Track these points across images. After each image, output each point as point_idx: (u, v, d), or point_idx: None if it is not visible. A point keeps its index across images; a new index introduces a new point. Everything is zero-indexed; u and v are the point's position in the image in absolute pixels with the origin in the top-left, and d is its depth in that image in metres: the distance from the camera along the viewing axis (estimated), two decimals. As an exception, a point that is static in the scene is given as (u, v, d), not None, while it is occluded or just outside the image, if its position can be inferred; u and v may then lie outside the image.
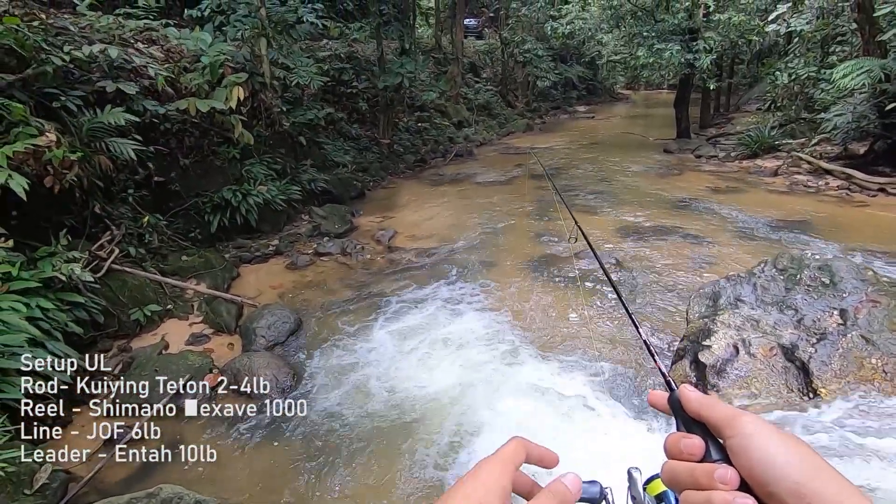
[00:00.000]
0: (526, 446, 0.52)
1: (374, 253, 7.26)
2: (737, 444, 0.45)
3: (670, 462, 0.48)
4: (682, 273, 5.93)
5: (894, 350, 3.35)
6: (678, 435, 0.49)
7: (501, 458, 0.49)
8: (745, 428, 0.45)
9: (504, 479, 0.47)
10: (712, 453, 0.46)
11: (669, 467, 0.48)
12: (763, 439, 0.43)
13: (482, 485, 0.46)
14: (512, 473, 0.49)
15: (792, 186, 9.51)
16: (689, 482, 0.46)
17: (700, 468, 0.45)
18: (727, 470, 0.44)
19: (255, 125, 8.14)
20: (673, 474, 0.48)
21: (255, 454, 3.56)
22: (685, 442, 0.47)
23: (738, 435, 0.45)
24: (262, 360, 4.39)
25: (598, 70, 29.13)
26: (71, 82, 5.67)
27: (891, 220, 7.25)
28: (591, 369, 4.22)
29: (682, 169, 11.79)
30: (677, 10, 13.45)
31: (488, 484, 0.46)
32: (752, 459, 0.43)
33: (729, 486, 0.43)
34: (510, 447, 0.51)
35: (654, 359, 0.66)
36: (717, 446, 0.47)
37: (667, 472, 0.48)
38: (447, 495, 0.46)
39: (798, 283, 3.94)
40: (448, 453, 3.44)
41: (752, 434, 0.44)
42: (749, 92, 20.69)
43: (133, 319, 5.00)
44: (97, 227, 5.56)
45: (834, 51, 12.01)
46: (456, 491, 0.46)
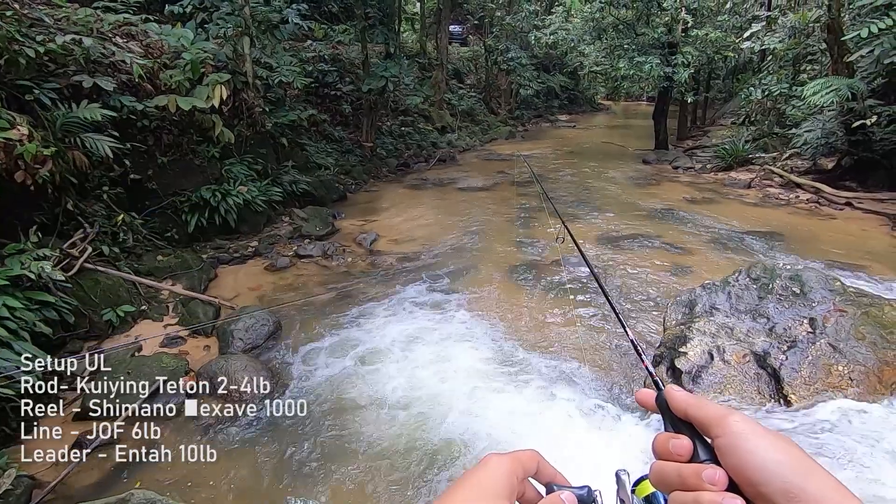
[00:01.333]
0: (539, 461, 0.52)
1: (355, 256, 7.22)
2: (725, 443, 0.44)
3: (658, 462, 0.48)
4: (659, 280, 6.05)
5: (860, 358, 3.48)
6: (666, 435, 0.48)
7: (513, 456, 0.50)
8: (733, 427, 0.44)
9: (512, 477, 0.48)
10: (700, 453, 0.46)
11: (657, 468, 0.48)
12: (752, 439, 0.43)
13: (492, 475, 0.47)
14: (520, 474, 0.49)
15: (764, 198, 9.81)
16: (678, 483, 0.45)
17: (688, 468, 0.45)
18: (715, 470, 0.43)
19: (237, 124, 8.04)
20: (661, 475, 0.47)
21: (230, 459, 3.48)
22: (673, 442, 0.47)
23: (726, 434, 0.44)
24: (240, 363, 4.31)
25: (579, 80, 29.60)
26: (45, 75, 5.52)
27: (856, 233, 7.54)
28: (574, 371, 4.27)
29: (659, 179, 12.05)
30: (657, 25, 13.79)
31: (498, 475, 0.47)
32: (741, 459, 0.42)
33: (717, 487, 0.43)
34: (525, 453, 0.51)
35: (641, 358, 0.66)
36: (705, 446, 0.46)
37: (655, 472, 0.48)
38: (459, 483, 0.47)
39: (770, 292, 4.06)
40: (425, 459, 3.43)
41: (741, 433, 0.43)
42: (724, 106, 21.29)
43: (105, 320, 4.86)
44: (69, 225, 5.40)
45: (805, 69, 12.47)
46: (467, 479, 0.47)
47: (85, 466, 3.36)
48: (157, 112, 6.49)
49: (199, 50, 6.93)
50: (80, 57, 5.70)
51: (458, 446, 3.50)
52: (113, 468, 3.39)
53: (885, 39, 7.25)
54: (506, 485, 0.47)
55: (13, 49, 5.00)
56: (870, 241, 7.11)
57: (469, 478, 0.47)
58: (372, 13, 11.52)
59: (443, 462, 3.39)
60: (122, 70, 6.38)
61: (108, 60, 6.21)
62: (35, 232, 4.81)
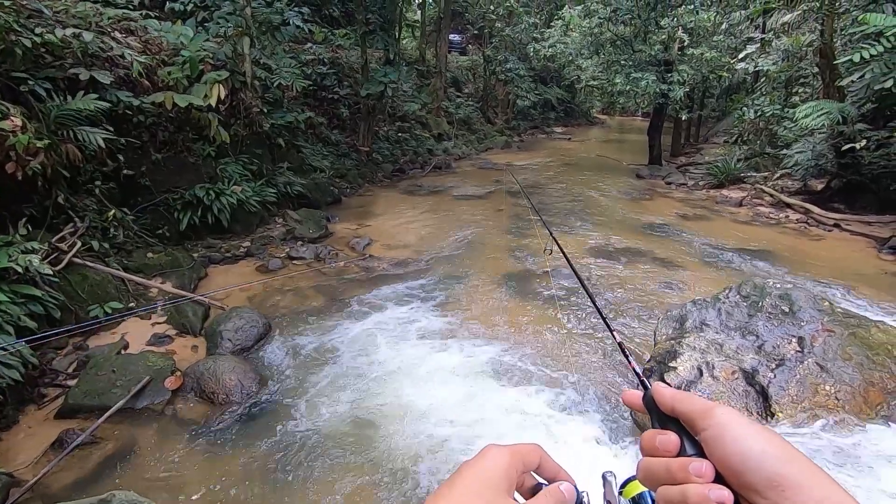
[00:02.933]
0: (542, 456, 0.52)
1: (348, 260, 7.19)
2: (711, 435, 0.45)
3: (646, 459, 0.49)
4: (650, 294, 6.09)
5: (846, 378, 3.51)
6: (653, 432, 0.49)
7: (513, 448, 0.50)
8: (719, 419, 0.45)
9: (511, 469, 0.48)
10: (687, 449, 0.47)
11: (645, 464, 0.48)
12: (737, 430, 0.44)
13: (491, 467, 0.47)
14: (520, 467, 0.49)
15: (755, 217, 9.93)
16: (665, 477, 0.46)
17: (675, 462, 0.46)
18: (702, 463, 0.44)
19: (233, 124, 8.01)
20: (649, 471, 0.48)
21: (216, 460, 3.43)
22: (660, 438, 0.48)
23: (713, 426, 0.45)
24: (228, 365, 4.26)
25: (576, 93, 29.90)
26: (41, 67, 5.47)
27: (844, 254, 7.64)
28: (562, 379, 4.27)
29: (652, 194, 12.17)
30: (654, 43, 13.98)
31: (497, 466, 0.47)
32: (727, 450, 0.43)
33: (704, 479, 0.43)
34: (526, 446, 0.51)
35: (627, 360, 0.66)
36: (692, 442, 0.47)
37: (643, 468, 0.49)
38: (457, 475, 0.47)
39: (760, 309, 4.10)
40: (413, 467, 3.40)
41: (727, 425, 0.44)
42: (718, 125, 21.59)
43: (91, 316, 4.79)
44: (59, 219, 5.33)
45: (797, 91, 12.70)
46: (466, 471, 0.47)
47: (65, 465, 3.29)
48: (153, 108, 6.46)
49: (198, 48, 6.91)
50: (78, 50, 5.66)
51: (444, 452, 3.48)
52: (94, 467, 3.32)
53: (875, 65, 7.40)
54: (504, 476, 0.47)
55: (10, 39, 4.95)
56: (857, 263, 7.22)
57: (467, 469, 0.47)
58: (373, 19, 11.58)
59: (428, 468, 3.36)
60: (120, 65, 6.34)
61: (105, 55, 6.17)
62: (24, 224, 4.75)
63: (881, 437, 3.17)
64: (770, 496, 0.41)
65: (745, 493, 0.42)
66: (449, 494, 0.45)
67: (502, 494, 0.46)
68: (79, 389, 3.90)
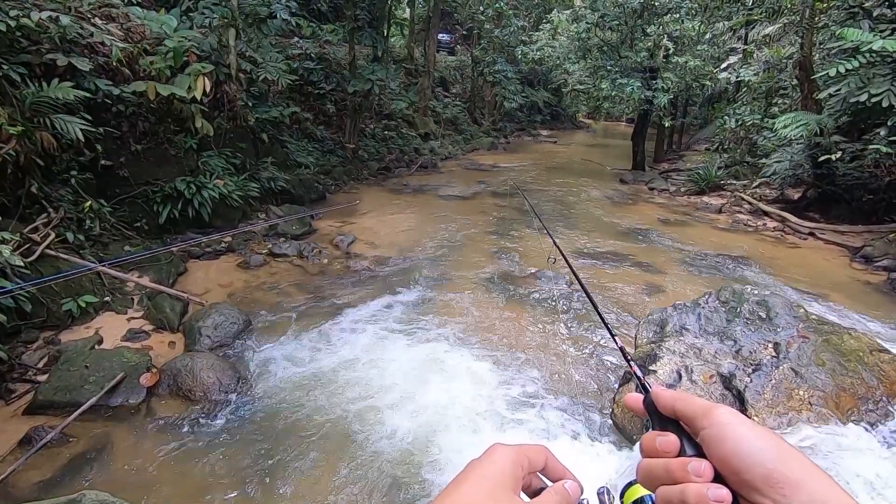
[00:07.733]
0: (548, 457, 0.52)
1: (331, 258, 7.12)
2: (711, 434, 0.45)
3: (646, 460, 0.49)
4: (631, 298, 6.16)
5: (819, 383, 3.60)
6: (653, 433, 0.50)
7: (519, 448, 0.50)
8: (719, 419, 0.45)
9: (517, 468, 0.48)
10: (687, 450, 0.47)
11: (645, 465, 0.49)
12: (737, 429, 0.44)
13: (497, 466, 0.47)
14: (526, 466, 0.49)
15: (734, 224, 10.14)
16: (664, 477, 0.46)
17: (675, 462, 0.46)
18: (701, 462, 0.45)
19: (217, 117, 7.86)
20: (648, 471, 0.48)
21: (192, 459, 3.36)
22: (660, 439, 0.48)
23: (712, 425, 0.45)
24: (206, 361, 4.17)
25: (562, 97, 30.12)
26: (16, 52, 5.29)
27: (818, 263, 7.85)
28: (551, 383, 4.29)
29: (635, 199, 12.33)
30: (640, 49, 14.17)
31: (503, 465, 0.47)
32: (727, 449, 0.44)
33: (703, 479, 0.44)
34: (533, 447, 0.51)
35: (629, 364, 0.67)
36: (692, 443, 0.48)
37: (643, 469, 0.49)
38: (464, 475, 0.47)
39: (738, 315, 4.18)
40: (394, 465, 3.38)
41: (727, 424, 0.45)
42: (700, 132, 22.01)
43: (65, 310, 4.66)
44: (33, 209, 5.16)
45: (777, 102, 13.00)
46: (472, 470, 0.47)
47: (33, 463, 3.19)
48: (134, 98, 6.30)
49: (182, 38, 6.76)
50: (56, 35, 5.49)
51: (421, 454, 3.47)
52: (64, 466, 3.22)
53: (851, 80, 7.62)
54: (511, 474, 0.47)
55: (-17, 22, 4.78)
56: (831, 271, 7.42)
57: (474, 467, 0.47)
58: (361, 15, 11.49)
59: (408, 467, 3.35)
60: (100, 52, 6.17)
61: (85, 41, 6.00)
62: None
63: (853, 442, 3.25)
64: (769, 495, 0.41)
65: (744, 491, 0.43)
66: (457, 492, 0.45)
67: (508, 492, 0.46)
68: (49, 385, 3.79)
